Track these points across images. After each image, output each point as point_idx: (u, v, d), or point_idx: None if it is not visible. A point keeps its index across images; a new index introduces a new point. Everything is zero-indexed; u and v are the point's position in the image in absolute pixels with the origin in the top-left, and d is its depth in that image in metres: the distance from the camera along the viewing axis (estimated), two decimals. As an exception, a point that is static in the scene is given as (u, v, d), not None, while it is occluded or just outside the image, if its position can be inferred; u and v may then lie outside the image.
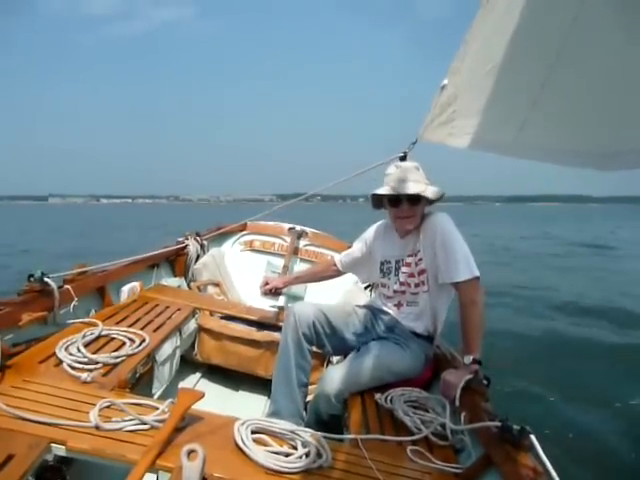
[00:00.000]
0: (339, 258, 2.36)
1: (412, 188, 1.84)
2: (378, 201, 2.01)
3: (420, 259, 1.90)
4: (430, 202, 1.92)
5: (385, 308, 2.04)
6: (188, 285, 3.29)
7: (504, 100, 1.37)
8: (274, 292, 2.52)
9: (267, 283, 2.46)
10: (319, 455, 1.29)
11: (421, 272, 1.91)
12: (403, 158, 2.22)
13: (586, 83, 1.11)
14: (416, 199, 1.86)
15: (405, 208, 1.89)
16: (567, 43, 1.07)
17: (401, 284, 1.97)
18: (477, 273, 1.78)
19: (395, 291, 1.99)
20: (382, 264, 2.06)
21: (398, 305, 1.99)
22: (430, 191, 1.85)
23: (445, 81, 1.68)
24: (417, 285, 1.93)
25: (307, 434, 1.37)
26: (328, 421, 1.78)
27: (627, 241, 20.49)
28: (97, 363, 1.69)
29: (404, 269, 1.95)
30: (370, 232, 2.22)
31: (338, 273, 2.38)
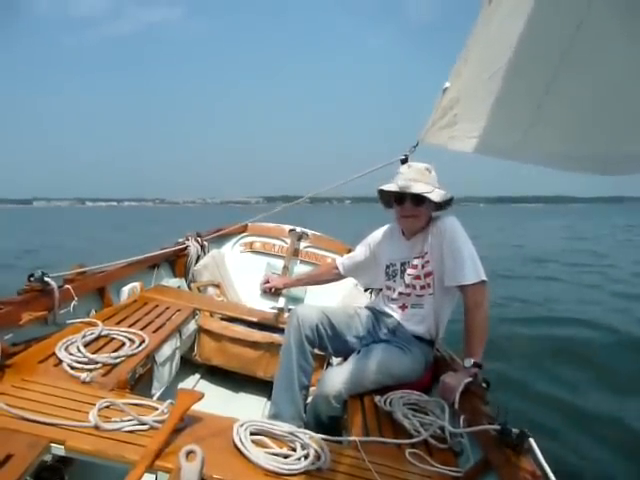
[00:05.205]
0: (341, 261, 2.34)
1: (416, 188, 1.84)
2: (387, 200, 2.01)
3: (427, 261, 1.90)
4: (439, 206, 1.92)
5: (388, 310, 2.03)
6: (188, 286, 3.29)
7: (508, 104, 1.36)
8: (273, 292, 2.52)
9: (268, 281, 2.46)
10: (318, 457, 1.29)
11: (427, 274, 1.91)
12: (404, 161, 2.22)
13: (591, 87, 1.10)
14: (420, 200, 1.86)
15: (408, 207, 1.90)
16: (572, 46, 1.06)
17: (406, 286, 1.96)
18: (484, 277, 1.78)
19: (400, 293, 1.99)
20: (387, 267, 2.06)
21: (402, 307, 1.99)
22: (436, 194, 1.85)
23: (447, 84, 1.67)
24: (422, 287, 1.92)
25: (306, 436, 1.37)
26: (327, 423, 1.78)
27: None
28: (97, 363, 1.69)
29: (410, 271, 1.95)
30: (375, 236, 2.21)
31: (339, 276, 2.37)
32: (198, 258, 3.43)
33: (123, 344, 1.90)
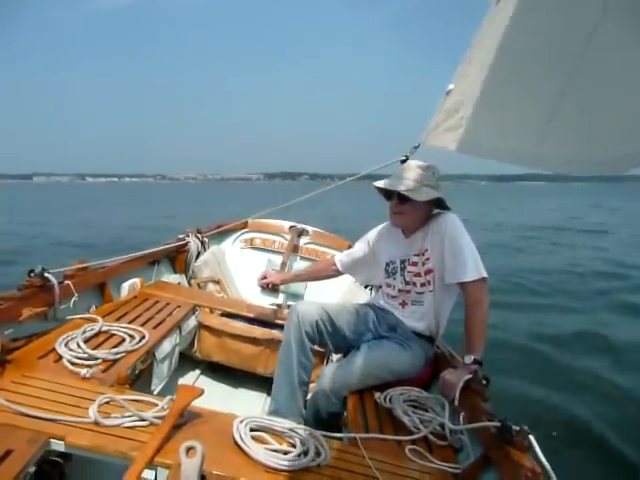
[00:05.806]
0: (339, 258, 2.34)
1: (400, 186, 1.85)
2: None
3: (427, 258, 1.90)
4: (438, 205, 1.92)
5: (388, 307, 2.03)
6: (188, 282, 3.29)
7: (519, 109, 1.30)
8: (271, 287, 2.52)
9: (265, 277, 2.46)
10: (318, 453, 1.29)
11: (428, 272, 1.90)
12: (404, 162, 2.22)
13: (608, 90, 1.06)
14: (404, 198, 1.86)
15: (394, 204, 1.92)
16: (587, 49, 1.03)
17: (407, 283, 1.96)
18: (485, 274, 1.78)
19: (400, 290, 1.99)
20: (387, 265, 2.05)
21: (402, 304, 1.99)
22: (418, 193, 1.83)
23: (451, 86, 1.63)
24: (423, 285, 1.92)
25: (306, 432, 1.37)
26: (327, 419, 1.78)
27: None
28: (97, 359, 1.69)
29: (410, 268, 1.95)
30: (373, 233, 2.20)
31: (337, 273, 2.36)
32: (198, 254, 3.43)
33: (123, 340, 1.90)
